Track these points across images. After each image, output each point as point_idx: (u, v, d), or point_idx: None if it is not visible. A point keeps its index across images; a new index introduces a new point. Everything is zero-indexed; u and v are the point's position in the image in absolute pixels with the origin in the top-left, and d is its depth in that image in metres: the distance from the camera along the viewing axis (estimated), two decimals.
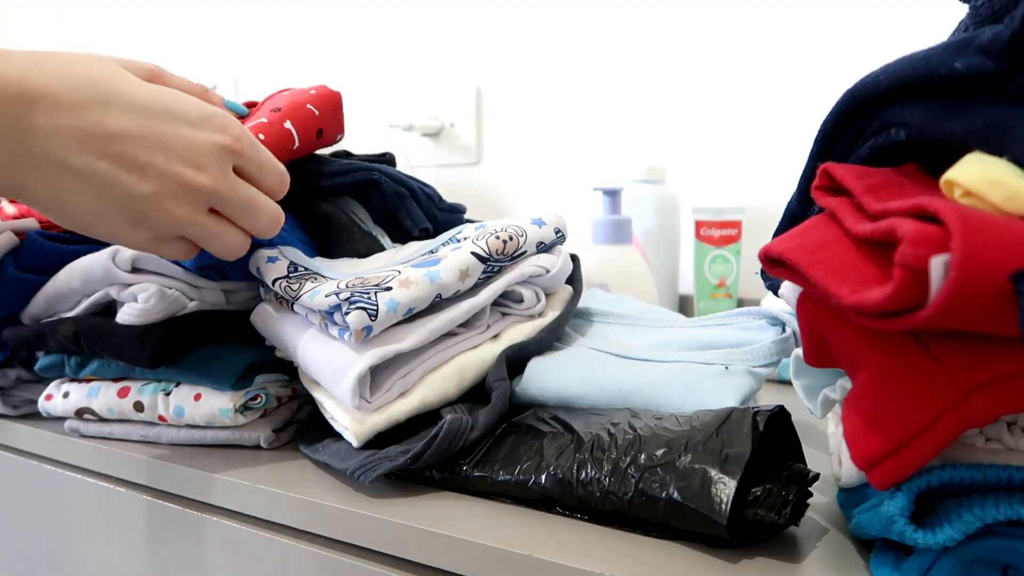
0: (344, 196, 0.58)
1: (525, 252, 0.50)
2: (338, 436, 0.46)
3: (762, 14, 0.88)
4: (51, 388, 0.55)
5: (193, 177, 0.38)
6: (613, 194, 0.71)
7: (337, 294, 0.42)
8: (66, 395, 0.54)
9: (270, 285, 0.49)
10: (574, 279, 0.55)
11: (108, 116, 0.36)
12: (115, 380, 0.53)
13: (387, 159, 0.64)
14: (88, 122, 0.36)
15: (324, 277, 0.48)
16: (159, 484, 0.49)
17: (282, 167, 0.45)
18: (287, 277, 0.48)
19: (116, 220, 0.38)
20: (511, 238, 0.49)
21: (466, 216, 0.65)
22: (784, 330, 0.48)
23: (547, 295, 0.52)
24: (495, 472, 0.39)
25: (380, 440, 0.43)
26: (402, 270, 0.46)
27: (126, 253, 0.50)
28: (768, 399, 0.57)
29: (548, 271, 0.50)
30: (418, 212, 0.60)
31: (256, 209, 0.42)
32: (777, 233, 0.38)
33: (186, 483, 0.47)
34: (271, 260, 0.50)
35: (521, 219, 0.52)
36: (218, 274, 0.53)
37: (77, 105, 0.35)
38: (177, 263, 0.51)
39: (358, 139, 1.21)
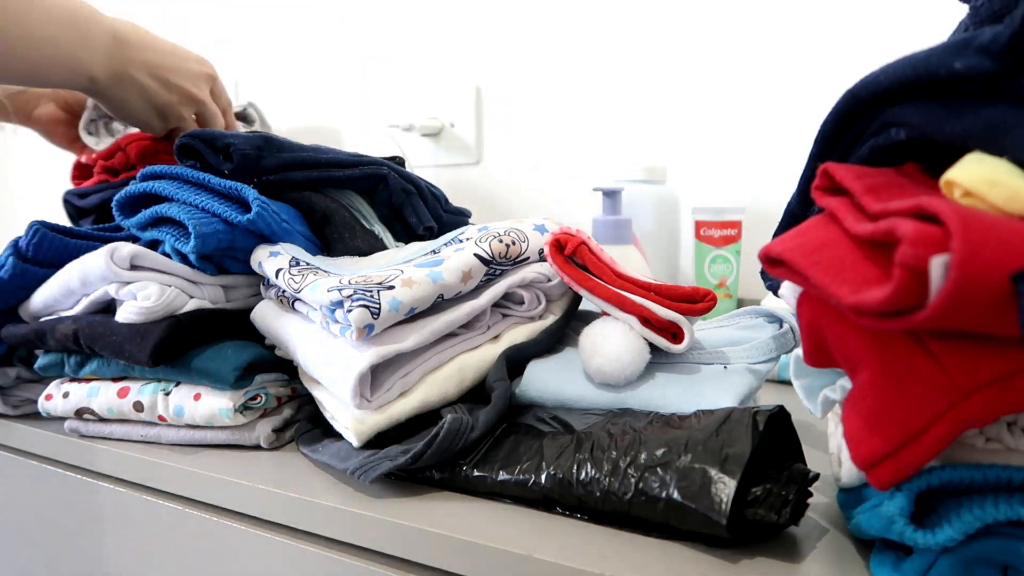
0: (351, 189, 0.59)
1: (528, 259, 0.50)
2: (338, 436, 0.46)
3: (762, 14, 0.88)
4: (51, 388, 0.55)
5: (195, 93, 0.69)
6: (613, 194, 0.71)
7: (340, 290, 0.42)
8: (66, 395, 0.54)
9: (273, 277, 0.49)
10: None
11: (155, 55, 0.65)
12: (115, 380, 0.53)
13: (397, 161, 0.64)
14: (147, 57, 0.64)
15: (326, 272, 0.48)
16: (159, 484, 0.49)
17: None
18: (289, 269, 0.48)
19: (150, 114, 0.67)
20: (514, 243, 0.49)
21: (470, 220, 0.66)
22: (781, 326, 0.48)
23: (548, 299, 0.52)
24: (495, 472, 0.39)
25: (380, 440, 0.43)
26: (405, 269, 0.46)
27: (124, 251, 0.50)
28: (768, 399, 0.57)
29: (549, 280, 0.50)
30: (424, 210, 0.61)
31: (218, 118, 0.73)
32: (777, 233, 0.38)
33: (186, 483, 0.47)
34: (273, 255, 0.50)
35: (524, 223, 0.52)
36: (216, 267, 0.53)
37: (143, 47, 0.64)
38: (178, 252, 0.51)
39: (358, 139, 1.21)
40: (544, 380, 0.46)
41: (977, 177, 0.25)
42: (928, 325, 0.23)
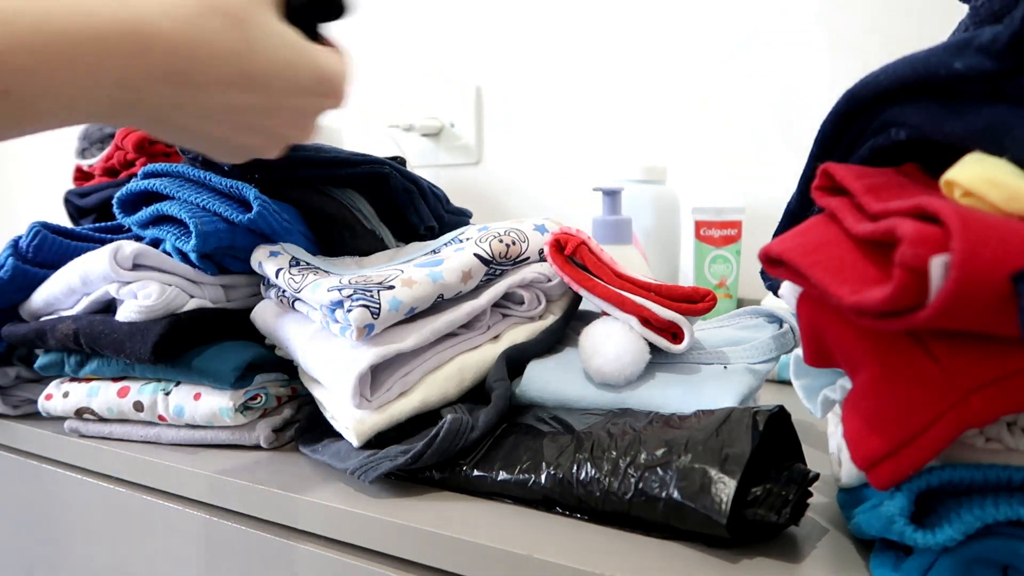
0: (352, 189, 0.58)
1: (528, 259, 0.50)
2: (338, 436, 0.46)
3: (762, 15, 0.88)
4: (51, 388, 0.55)
5: (295, 136, 0.42)
6: (613, 194, 0.71)
7: (340, 289, 0.43)
8: (66, 395, 0.54)
9: (273, 277, 0.49)
10: None
11: (232, 95, 0.37)
12: (115, 380, 0.53)
13: (398, 161, 0.64)
14: (216, 100, 0.37)
15: (326, 272, 0.48)
16: (159, 484, 0.49)
17: None
18: (289, 269, 0.48)
19: (225, 156, 0.42)
20: (514, 243, 0.49)
21: (471, 220, 0.66)
22: (781, 326, 0.48)
23: (548, 299, 0.52)
24: (495, 472, 0.39)
25: (380, 440, 0.43)
26: (405, 269, 0.46)
27: (127, 250, 0.50)
28: (768, 399, 0.57)
29: (549, 280, 0.50)
30: (425, 210, 0.60)
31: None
32: (777, 233, 0.38)
33: (186, 483, 0.47)
34: (273, 254, 0.50)
35: (524, 223, 0.52)
36: (217, 267, 0.53)
37: (209, 84, 0.36)
38: (179, 251, 0.51)
39: (358, 139, 1.21)
40: (544, 380, 0.46)
41: (977, 177, 0.25)
42: (928, 325, 0.23)
